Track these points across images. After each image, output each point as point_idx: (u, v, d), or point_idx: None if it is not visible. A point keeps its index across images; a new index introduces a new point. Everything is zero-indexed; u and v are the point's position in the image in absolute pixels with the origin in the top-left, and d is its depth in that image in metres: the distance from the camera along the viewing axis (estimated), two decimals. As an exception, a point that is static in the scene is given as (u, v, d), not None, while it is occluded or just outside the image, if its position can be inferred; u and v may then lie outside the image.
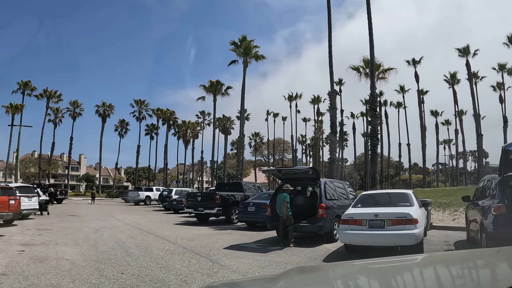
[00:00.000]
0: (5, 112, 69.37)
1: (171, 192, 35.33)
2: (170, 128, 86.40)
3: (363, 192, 15.22)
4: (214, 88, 55.17)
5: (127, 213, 29.85)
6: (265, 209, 18.55)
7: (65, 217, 25.09)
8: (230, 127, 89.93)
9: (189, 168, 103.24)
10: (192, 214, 24.20)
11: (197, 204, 22.05)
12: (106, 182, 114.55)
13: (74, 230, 17.67)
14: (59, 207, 36.18)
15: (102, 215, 27.20)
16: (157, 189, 48.75)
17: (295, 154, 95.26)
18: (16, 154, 52.83)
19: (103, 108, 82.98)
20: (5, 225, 18.74)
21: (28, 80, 71.92)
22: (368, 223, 11.43)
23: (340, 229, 12.04)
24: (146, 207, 41.09)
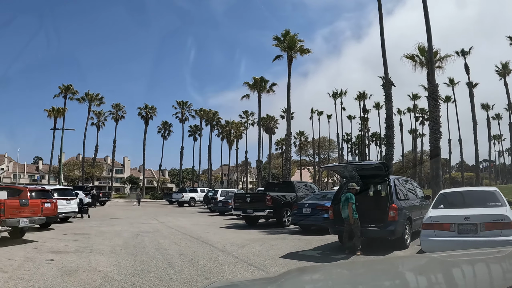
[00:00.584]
0: (47, 116, 70.62)
1: (217, 193, 33.89)
2: (214, 128, 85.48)
3: (442, 191, 13.10)
4: (258, 85, 53.44)
5: (171, 215, 28.62)
6: (322, 211, 16.86)
7: (106, 220, 24.04)
8: (274, 126, 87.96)
9: (233, 169, 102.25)
10: (240, 217, 22.59)
11: (246, 206, 20.41)
12: (150, 184, 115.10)
13: (113, 235, 16.38)
14: (101, 210, 35.53)
15: (144, 218, 26.04)
16: (202, 190, 47.55)
17: (341, 153, 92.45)
18: (60, 157, 53.10)
19: (146, 110, 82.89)
20: (42, 229, 17.73)
21: (70, 84, 72.24)
22: (457, 227, 9.66)
23: (423, 235, 10.12)
24: (191, 209, 39.96)
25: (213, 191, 36.86)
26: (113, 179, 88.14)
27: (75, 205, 22.41)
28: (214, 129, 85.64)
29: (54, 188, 22.30)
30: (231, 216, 27.50)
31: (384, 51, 33.77)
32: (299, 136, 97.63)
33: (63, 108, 70.49)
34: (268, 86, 54.01)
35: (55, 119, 70.00)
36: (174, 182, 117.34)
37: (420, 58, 40.33)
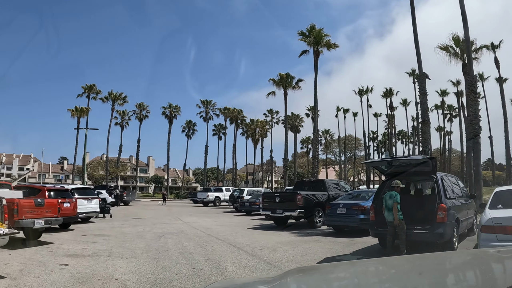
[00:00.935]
0: (71, 115, 70.47)
1: (243, 193, 32.88)
2: (238, 127, 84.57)
3: (498, 188, 11.72)
4: (284, 81, 51.89)
5: (196, 215, 27.72)
6: (358, 211, 15.77)
7: (128, 220, 23.25)
8: (299, 125, 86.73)
9: (257, 168, 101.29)
10: (268, 217, 21.49)
11: (275, 205, 19.27)
12: (175, 183, 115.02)
13: (134, 236, 15.48)
14: (124, 209, 34.91)
15: (168, 218, 25.19)
16: (227, 189, 46.70)
17: (368, 151, 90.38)
18: (83, 156, 52.93)
19: (169, 109, 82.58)
20: (60, 230, 16.99)
21: (93, 84, 72.22)
22: (524, 231, 8.34)
23: (483, 239, 8.83)
24: (216, 208, 39.07)
25: (239, 190, 35.85)
26: (137, 178, 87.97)
27: (96, 205, 21.68)
28: (239, 128, 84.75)
29: (75, 187, 21.63)
30: (258, 216, 26.51)
31: (417, 42, 32.24)
32: (325, 135, 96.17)
33: (87, 108, 70.55)
34: (294, 82, 52.56)
35: (79, 118, 69.99)
36: (199, 181, 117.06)
37: (454, 49, 38.68)
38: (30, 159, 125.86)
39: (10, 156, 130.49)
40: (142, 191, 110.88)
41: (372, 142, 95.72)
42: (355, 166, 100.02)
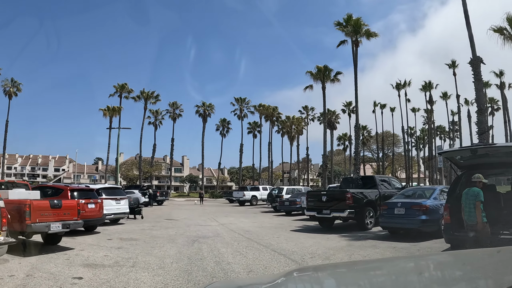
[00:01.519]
0: (103, 115, 70.03)
1: (282, 191, 30.97)
2: (274, 124, 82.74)
3: None
4: (321, 74, 49.13)
5: (233, 216, 26.02)
6: (419, 212, 13.83)
7: (161, 221, 21.72)
8: (336, 121, 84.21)
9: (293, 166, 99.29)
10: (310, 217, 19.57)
11: (322, 205, 17.28)
12: (210, 183, 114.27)
13: (165, 240, 13.83)
14: (158, 209, 33.57)
15: (203, 219, 23.56)
16: (264, 188, 44.83)
17: (407, 147, 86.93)
18: (116, 156, 51.97)
19: (203, 108, 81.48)
20: (85, 233, 15.60)
21: (125, 83, 72.55)
22: None
23: None
24: (253, 208, 37.32)
25: (278, 189, 33.90)
26: (171, 178, 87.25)
27: (125, 206, 20.24)
28: (274, 125, 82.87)
29: (102, 187, 20.22)
30: (299, 216, 24.77)
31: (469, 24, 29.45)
32: (362, 131, 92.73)
33: (119, 107, 70.14)
34: (332, 75, 49.88)
35: (111, 118, 69.66)
36: (234, 180, 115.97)
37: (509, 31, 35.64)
38: (66, 160, 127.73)
39: (46, 158, 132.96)
40: (176, 190, 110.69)
41: (410, 138, 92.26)
42: (393, 162, 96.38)
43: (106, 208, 18.61)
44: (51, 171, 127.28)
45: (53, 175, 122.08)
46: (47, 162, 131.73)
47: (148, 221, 21.54)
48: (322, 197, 17.40)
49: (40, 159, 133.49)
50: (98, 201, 16.19)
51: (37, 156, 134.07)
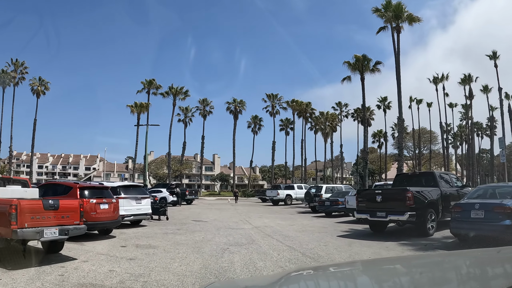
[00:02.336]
0: (130, 112, 68.10)
1: (321, 190, 28.28)
2: (307, 121, 79.67)
3: None
4: (360, 64, 45.44)
5: (267, 217, 23.55)
6: (503, 215, 11.05)
7: (187, 223, 19.44)
8: (370, 117, 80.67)
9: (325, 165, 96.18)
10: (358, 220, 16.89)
11: (376, 206, 14.54)
12: (241, 181, 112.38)
13: (189, 249, 11.48)
14: (186, 209, 31.37)
15: (235, 220, 21.18)
16: (299, 186, 42.02)
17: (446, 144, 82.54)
18: (145, 154, 50.13)
19: (234, 104, 79.28)
20: (99, 237, 13.52)
21: (152, 79, 70.52)
22: None
23: None
24: (288, 208, 34.74)
25: (316, 188, 31.09)
26: (202, 176, 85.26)
27: (147, 206, 18.03)
28: (307, 121, 79.86)
29: (121, 184, 18.00)
30: (342, 217, 22.30)
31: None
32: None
33: (146, 103, 68.09)
34: (371, 65, 46.52)
35: (138, 114, 67.71)
36: (266, 179, 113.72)
37: None
38: (96, 159, 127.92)
39: (77, 157, 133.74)
40: (207, 189, 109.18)
41: (446, 135, 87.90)
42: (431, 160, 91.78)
43: (124, 209, 16.56)
44: (82, 170, 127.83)
45: (83, 173, 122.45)
46: (78, 161, 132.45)
47: (173, 223, 19.31)
48: (376, 197, 14.61)
49: (71, 158, 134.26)
50: (113, 201, 13.96)
51: (69, 155, 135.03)
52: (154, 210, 21.27)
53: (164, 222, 19.82)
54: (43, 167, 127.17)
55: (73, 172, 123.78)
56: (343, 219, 21.36)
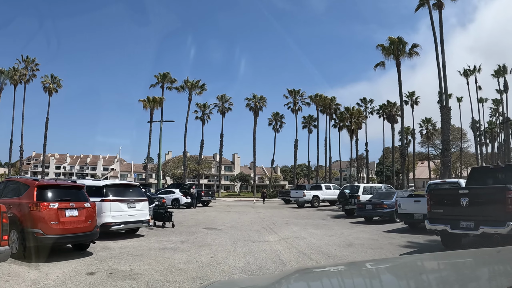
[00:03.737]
0: (143, 107, 63.61)
1: (358, 190, 23.85)
2: (331, 117, 74.88)
3: None
4: (395, 47, 40.13)
5: (295, 223, 19.37)
6: None
7: (196, 232, 15.38)
8: (396, 113, 75.70)
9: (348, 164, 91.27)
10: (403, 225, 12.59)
11: (460, 213, 10.08)
12: (262, 182, 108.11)
13: (188, 281, 7.41)
14: (200, 212, 27.34)
15: (257, 228, 17.06)
16: (327, 186, 37.23)
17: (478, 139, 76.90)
18: (159, 152, 46.42)
19: (254, 101, 74.98)
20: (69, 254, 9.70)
21: (167, 72, 65.88)
22: None
23: None
24: (316, 211, 30.28)
25: (351, 187, 26.41)
26: (220, 176, 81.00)
27: (144, 211, 14.02)
28: (332, 118, 75.09)
29: (108, 184, 13.92)
30: (385, 223, 18.48)
31: None
32: (425, 124, 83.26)
33: (160, 98, 63.71)
34: (407, 49, 41.37)
35: (152, 110, 63.45)
36: (287, 179, 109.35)
37: None
38: (114, 159, 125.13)
39: (95, 157, 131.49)
40: (227, 190, 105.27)
41: (474, 132, 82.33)
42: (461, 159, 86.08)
43: (112, 215, 12.79)
44: (100, 170, 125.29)
45: (101, 174, 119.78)
46: (96, 162, 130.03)
47: (178, 232, 15.31)
48: (461, 199, 10.17)
49: (90, 158, 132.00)
50: (86, 206, 9.95)
51: (87, 156, 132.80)
52: (157, 215, 17.42)
53: (168, 230, 15.83)
54: (61, 167, 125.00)
55: (91, 173, 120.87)
56: (390, 227, 17.10)
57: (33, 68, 64.67)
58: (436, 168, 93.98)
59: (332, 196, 36.29)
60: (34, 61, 64.80)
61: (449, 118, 31.50)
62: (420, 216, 14.53)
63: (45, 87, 64.85)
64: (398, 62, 38.89)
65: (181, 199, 32.35)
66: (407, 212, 15.17)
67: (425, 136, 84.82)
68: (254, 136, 75.49)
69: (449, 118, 31.48)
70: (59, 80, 66.25)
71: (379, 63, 41.18)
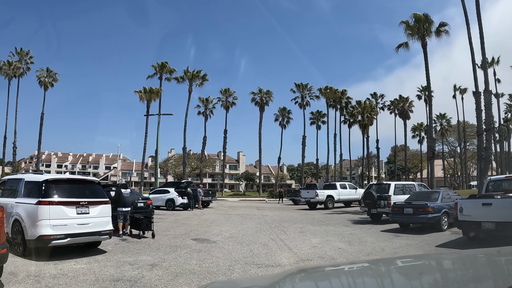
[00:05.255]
0: (139, 99, 57.77)
1: (387, 190, 19.16)
2: (342, 111, 70.42)
3: None
4: (421, 25, 34.55)
5: (313, 232, 15.12)
6: None
7: (180, 247, 11.17)
8: (409, 109, 71.29)
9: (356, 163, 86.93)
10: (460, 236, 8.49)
11: None
12: (268, 181, 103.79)
13: None
14: (196, 216, 23.14)
15: (263, 240, 12.83)
16: (342, 185, 32.56)
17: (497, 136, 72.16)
18: (156, 148, 41.95)
19: (260, 95, 70.60)
20: None
21: (165, 61, 60.03)
22: None
23: None
24: (332, 214, 25.88)
25: (377, 186, 21.36)
26: (224, 175, 76.29)
27: (103, 218, 9.82)
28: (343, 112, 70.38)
29: (52, 179, 9.63)
30: (428, 232, 14.34)
31: None
32: (440, 120, 78.31)
33: (157, 88, 58.16)
34: (434, 28, 35.90)
35: (149, 102, 57.93)
36: (294, 178, 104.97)
37: None
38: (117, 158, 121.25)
39: (98, 156, 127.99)
40: (231, 189, 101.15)
41: None
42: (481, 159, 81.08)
43: (52, 224, 8.64)
44: (102, 169, 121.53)
45: (103, 172, 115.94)
46: (98, 160, 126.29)
47: (156, 246, 11.12)
48: None
49: (93, 157, 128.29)
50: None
51: (90, 155, 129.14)
52: (134, 222, 13.27)
53: (144, 243, 11.63)
54: (62, 166, 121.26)
55: (93, 172, 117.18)
56: (440, 238, 12.82)
57: (27, 61, 60.66)
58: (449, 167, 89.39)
59: (348, 196, 32.03)
60: (28, 54, 60.75)
61: (490, 103, 26.69)
62: (492, 225, 10.23)
63: (40, 81, 60.89)
64: (424, 42, 33.73)
65: (177, 199, 28.10)
66: (471, 219, 10.81)
67: (439, 133, 79.65)
68: (259, 132, 71.33)
69: (490, 103, 26.65)
70: (55, 73, 62.27)
71: (402, 44, 35.92)
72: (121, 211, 13.29)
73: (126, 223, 13.47)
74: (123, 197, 13.47)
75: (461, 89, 70.91)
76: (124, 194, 13.61)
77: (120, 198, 13.46)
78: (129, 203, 13.65)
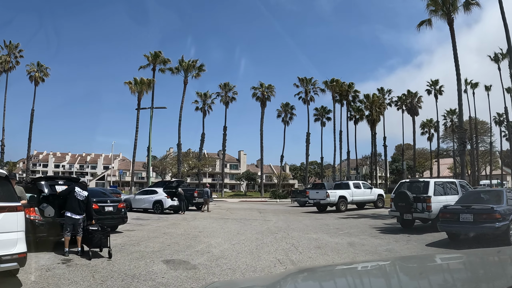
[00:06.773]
0: (130, 92, 53.08)
1: (426, 189, 14.33)
2: (349, 106, 66.24)
3: None
4: (447, 1, 30.11)
5: (335, 249, 11.15)
6: None
7: (139, 278, 7.28)
8: (418, 105, 67.58)
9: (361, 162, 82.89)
10: None
11: None
12: (270, 180, 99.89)
13: None
14: (185, 221, 19.23)
15: (265, 264, 8.94)
16: (356, 185, 28.24)
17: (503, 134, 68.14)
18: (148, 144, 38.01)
19: (261, 90, 66.69)
20: None
21: (159, 51, 55.15)
22: None
23: None
24: (348, 218, 21.82)
25: (409, 185, 16.24)
26: (225, 174, 72.45)
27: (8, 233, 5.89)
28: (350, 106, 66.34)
29: None
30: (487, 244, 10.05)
31: None
32: (450, 116, 74.02)
33: (149, 79, 53.15)
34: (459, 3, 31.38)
35: (140, 94, 53.06)
36: (297, 177, 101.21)
37: None
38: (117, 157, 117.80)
39: (97, 156, 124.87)
40: (232, 189, 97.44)
41: (499, 127, 73.51)
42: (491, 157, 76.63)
43: None
44: (100, 169, 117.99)
45: (101, 172, 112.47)
46: (96, 160, 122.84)
47: (104, 275, 7.27)
48: None
49: (91, 157, 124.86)
50: None
51: (88, 154, 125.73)
52: (85, 237, 9.39)
53: (91, 269, 7.75)
54: (60, 166, 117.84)
55: (91, 172, 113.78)
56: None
57: (16, 55, 56.93)
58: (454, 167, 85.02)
59: (362, 197, 28.11)
60: (17, 47, 57.05)
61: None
62: None
63: (31, 76, 57.19)
64: (451, 18, 29.46)
65: (165, 201, 24.05)
66: None
67: (449, 130, 75.11)
68: (261, 129, 67.33)
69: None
70: (45, 68, 58.54)
71: (425, 21, 31.44)
72: (68, 218, 9.43)
73: (78, 236, 9.60)
74: (74, 198, 9.60)
75: (472, 84, 66.92)
76: (77, 195, 9.72)
77: (69, 197, 9.61)
78: (81, 209, 9.74)
